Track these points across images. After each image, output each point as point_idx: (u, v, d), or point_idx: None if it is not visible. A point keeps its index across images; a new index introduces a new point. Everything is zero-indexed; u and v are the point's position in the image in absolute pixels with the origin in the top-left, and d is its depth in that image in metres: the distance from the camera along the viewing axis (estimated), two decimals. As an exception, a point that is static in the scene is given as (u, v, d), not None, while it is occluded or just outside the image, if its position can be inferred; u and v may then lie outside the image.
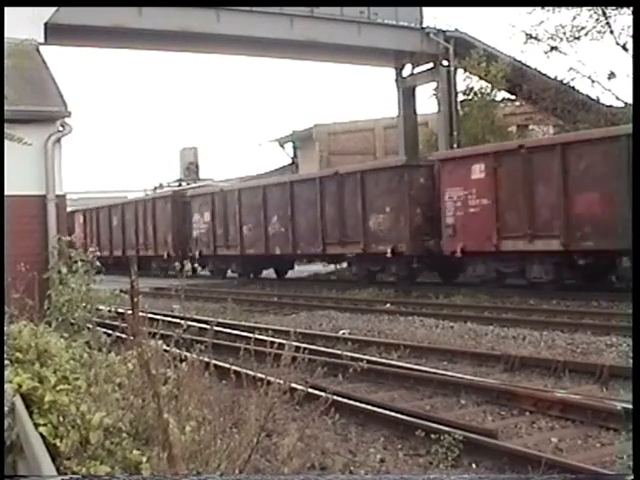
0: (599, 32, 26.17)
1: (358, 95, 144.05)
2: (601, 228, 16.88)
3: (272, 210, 27.10)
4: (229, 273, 30.97)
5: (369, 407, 8.32)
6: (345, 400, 8.27)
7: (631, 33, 24.17)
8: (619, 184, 16.08)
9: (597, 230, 16.99)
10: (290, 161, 41.71)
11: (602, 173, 16.89)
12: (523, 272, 19.08)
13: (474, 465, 6.68)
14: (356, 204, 23.37)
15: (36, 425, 4.68)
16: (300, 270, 30.56)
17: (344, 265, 27.18)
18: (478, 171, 19.69)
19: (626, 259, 16.24)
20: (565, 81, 27.30)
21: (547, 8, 26.40)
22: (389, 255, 21.95)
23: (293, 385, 5.40)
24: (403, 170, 22.20)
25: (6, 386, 5.04)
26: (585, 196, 17.31)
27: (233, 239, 29.07)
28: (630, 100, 22.92)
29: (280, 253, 27.09)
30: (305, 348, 9.02)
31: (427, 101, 35.77)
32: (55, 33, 18.31)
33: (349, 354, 11.05)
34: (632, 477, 3.18)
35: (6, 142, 9.98)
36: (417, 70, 31.35)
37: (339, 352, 11.29)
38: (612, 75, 26.12)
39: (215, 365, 6.63)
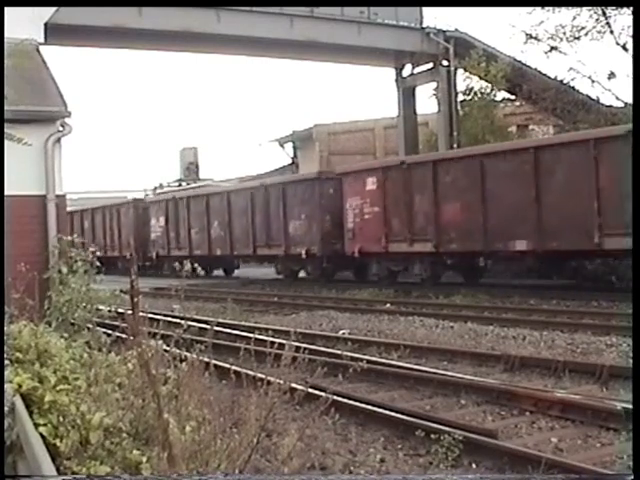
0: (599, 32, 26.18)
1: (358, 95, 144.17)
2: (462, 233, 20.45)
3: (213, 216, 30.65)
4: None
5: (369, 407, 8.32)
6: (345, 400, 8.27)
7: (631, 33, 24.19)
8: (475, 195, 19.84)
9: (459, 234, 20.61)
10: (290, 161, 41.70)
11: (463, 186, 20.38)
12: (409, 268, 22.78)
13: (474, 465, 6.68)
14: (279, 212, 27.00)
15: (36, 425, 4.68)
16: (252, 271, 32.50)
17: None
18: (371, 183, 23.25)
19: (482, 259, 21.12)
20: (565, 81, 27.30)
21: (547, 8, 26.41)
22: (304, 256, 25.40)
23: (293, 385, 5.41)
24: (315, 182, 25.78)
25: (6, 386, 5.04)
26: (450, 206, 20.84)
27: (183, 241, 32.69)
28: (630, 100, 22.94)
29: (221, 254, 30.55)
30: (305, 348, 9.03)
31: (427, 101, 35.75)
32: (55, 33, 18.30)
33: (349, 354, 11.05)
34: (632, 477, 3.18)
35: (6, 142, 9.98)
36: (417, 70, 31.33)
37: (339, 352, 11.29)
38: (612, 75, 26.13)
39: (215, 365, 6.63)
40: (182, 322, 6.04)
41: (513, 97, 31.12)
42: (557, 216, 17.94)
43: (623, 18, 26.21)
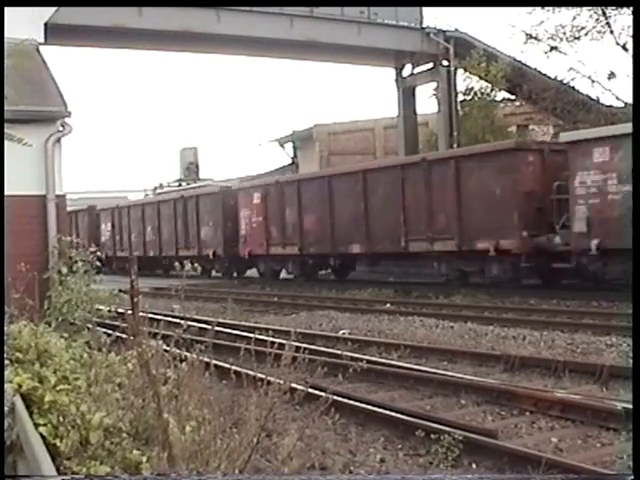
0: (599, 32, 26.20)
1: (358, 95, 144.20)
2: (318, 238, 25.69)
3: (147, 222, 36.21)
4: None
5: (369, 407, 8.32)
6: (345, 400, 8.27)
7: (631, 33, 24.19)
8: (325, 209, 24.97)
9: (316, 239, 25.81)
10: (290, 161, 41.69)
11: (318, 201, 25.48)
12: (286, 268, 28.08)
13: (474, 465, 6.68)
14: (193, 219, 32.47)
15: (36, 425, 4.68)
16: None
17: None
18: (256, 198, 28.55)
19: (332, 259, 26.22)
20: (565, 81, 27.31)
21: (547, 8, 26.42)
22: (211, 257, 30.71)
23: (293, 385, 5.41)
24: (219, 195, 31.10)
25: (6, 386, 5.04)
26: (310, 216, 26.01)
27: (125, 244, 37.91)
28: (630, 100, 22.95)
29: (153, 255, 35.57)
30: (305, 348, 9.03)
31: (427, 101, 35.78)
32: (55, 33, 18.30)
33: (349, 354, 11.05)
34: (632, 477, 3.18)
35: (6, 142, 9.98)
36: (417, 70, 31.35)
37: (339, 352, 11.29)
38: (612, 75, 26.15)
39: (215, 365, 6.63)
40: (182, 322, 6.04)
41: (513, 97, 31.13)
42: (379, 226, 22.86)
43: (623, 18, 26.28)
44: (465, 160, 20.60)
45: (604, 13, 25.87)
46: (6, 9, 10.47)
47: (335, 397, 6.28)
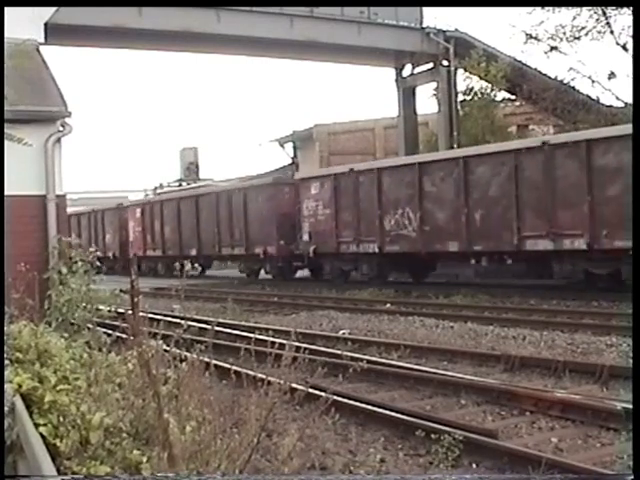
0: (599, 32, 26.19)
1: (358, 95, 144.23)
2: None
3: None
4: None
5: (369, 407, 8.32)
6: (345, 400, 8.27)
7: (631, 33, 24.19)
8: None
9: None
10: (290, 161, 41.68)
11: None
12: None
13: (474, 465, 6.68)
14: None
15: (36, 425, 4.68)
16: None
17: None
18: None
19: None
20: (565, 81, 27.31)
21: (547, 8, 26.42)
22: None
23: (293, 385, 5.41)
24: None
25: (6, 386, 5.04)
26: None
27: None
28: (630, 100, 22.94)
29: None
30: (305, 348, 9.04)
31: (427, 101, 35.77)
32: (55, 33, 18.28)
33: (349, 354, 11.05)
34: (632, 477, 3.18)
35: (6, 142, 9.98)
36: (417, 70, 31.34)
37: (339, 352, 11.29)
38: (612, 75, 26.14)
39: (215, 365, 6.63)
40: (182, 322, 6.04)
41: (513, 97, 31.13)
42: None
43: (623, 18, 26.28)
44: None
45: (604, 13, 25.87)
46: (6, 9, 10.47)
47: (335, 397, 6.28)
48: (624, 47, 25.27)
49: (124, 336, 6.17)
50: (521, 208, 18.98)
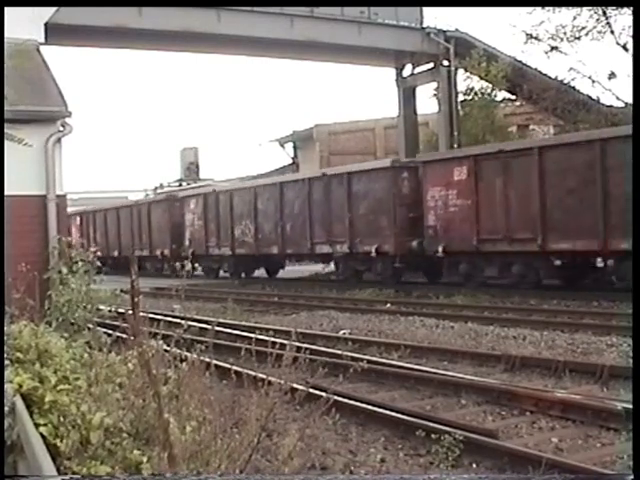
0: (599, 32, 26.17)
1: (358, 95, 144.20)
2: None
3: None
4: None
5: (370, 407, 8.32)
6: (346, 400, 8.27)
7: (631, 33, 24.17)
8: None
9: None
10: (290, 161, 41.70)
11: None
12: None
13: (474, 465, 6.68)
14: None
15: (36, 425, 4.68)
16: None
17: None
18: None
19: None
20: (565, 81, 27.30)
21: (547, 8, 26.40)
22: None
23: (294, 385, 5.41)
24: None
25: (6, 386, 5.05)
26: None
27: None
28: (630, 100, 22.93)
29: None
30: (306, 348, 9.04)
31: (428, 101, 35.77)
32: (55, 33, 18.28)
33: (349, 354, 11.05)
34: (632, 477, 3.18)
35: (7, 142, 9.98)
36: (417, 70, 31.33)
37: (340, 352, 11.29)
38: (612, 75, 26.13)
39: (216, 365, 6.63)
40: (183, 322, 6.04)
41: (513, 97, 31.13)
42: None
43: (623, 18, 26.28)
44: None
45: (604, 13, 25.86)
46: (6, 9, 10.47)
47: (336, 397, 6.28)
48: (624, 47, 25.27)
49: (124, 336, 6.17)
50: (312, 222, 25.02)
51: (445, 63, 29.71)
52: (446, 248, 20.84)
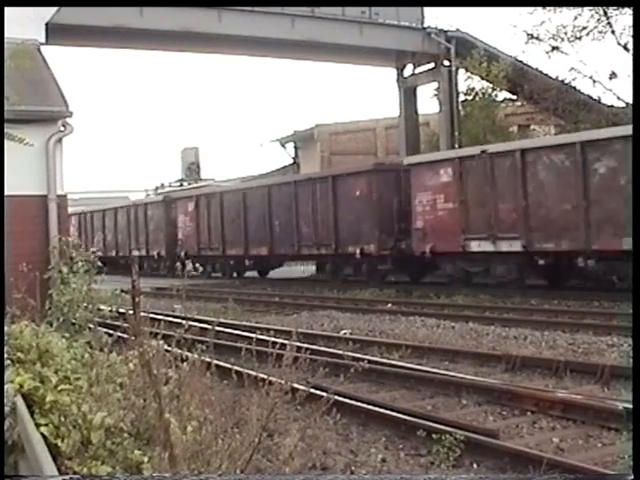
0: (600, 32, 26.15)
1: (359, 95, 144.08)
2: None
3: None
4: None
5: (370, 407, 8.32)
6: (346, 400, 8.27)
7: (632, 33, 24.14)
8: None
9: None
10: (291, 161, 41.70)
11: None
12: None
13: (475, 465, 6.68)
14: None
15: (37, 425, 4.68)
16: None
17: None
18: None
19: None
20: (566, 81, 27.27)
21: (548, 8, 26.38)
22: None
23: (295, 385, 5.40)
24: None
25: (7, 386, 5.05)
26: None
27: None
28: (631, 100, 22.92)
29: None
30: (307, 348, 9.02)
31: (428, 101, 35.77)
32: (56, 33, 18.29)
33: (350, 354, 11.05)
34: (632, 477, 3.18)
35: (8, 142, 9.98)
36: (418, 70, 31.31)
37: (340, 352, 11.29)
38: (613, 75, 26.10)
39: (217, 365, 6.63)
40: (183, 322, 6.04)
41: (514, 97, 31.10)
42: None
43: (624, 18, 26.22)
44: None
45: (605, 13, 25.84)
46: (7, 9, 10.46)
47: (336, 397, 6.28)
48: (625, 47, 25.25)
49: (125, 336, 6.17)
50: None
51: (446, 63, 29.69)
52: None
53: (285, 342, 5.42)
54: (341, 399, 7.76)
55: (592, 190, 17.39)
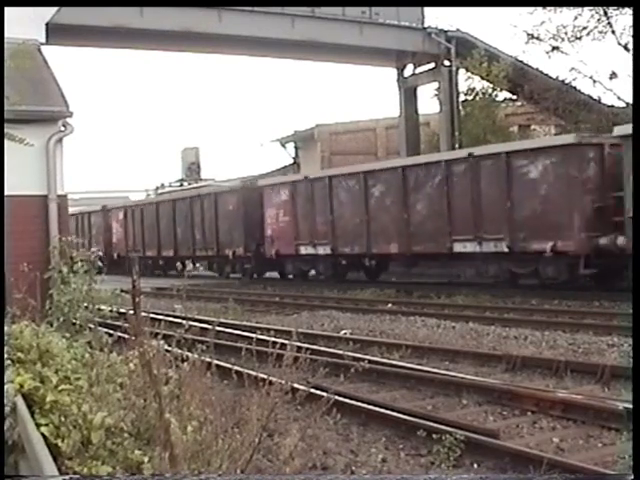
0: (601, 32, 26.13)
1: (360, 95, 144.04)
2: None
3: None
4: None
5: (371, 407, 8.32)
6: (347, 400, 8.27)
7: (632, 33, 24.12)
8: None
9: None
10: (292, 161, 41.68)
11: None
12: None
13: (476, 465, 6.68)
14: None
15: (38, 425, 4.68)
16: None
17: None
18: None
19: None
20: (567, 81, 27.25)
21: (549, 8, 26.36)
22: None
23: (295, 385, 5.40)
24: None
25: (8, 386, 5.05)
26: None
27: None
28: (631, 100, 22.90)
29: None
30: (307, 348, 9.03)
31: (429, 101, 35.78)
32: (57, 33, 18.29)
33: (351, 354, 11.05)
34: (632, 477, 3.18)
35: (8, 142, 9.98)
36: (419, 70, 31.31)
37: (341, 352, 11.29)
38: (614, 75, 26.08)
39: (217, 365, 6.63)
40: (184, 322, 6.04)
41: (515, 97, 31.09)
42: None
43: (624, 18, 26.20)
44: None
45: (605, 13, 25.83)
46: (7, 9, 10.46)
47: (337, 397, 6.28)
48: (625, 47, 25.23)
49: (126, 336, 6.17)
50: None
51: (446, 63, 29.69)
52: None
53: (285, 342, 5.42)
54: (341, 399, 7.76)
55: (370, 209, 23.32)
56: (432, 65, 30.32)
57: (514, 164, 19.08)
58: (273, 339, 7.88)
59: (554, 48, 27.06)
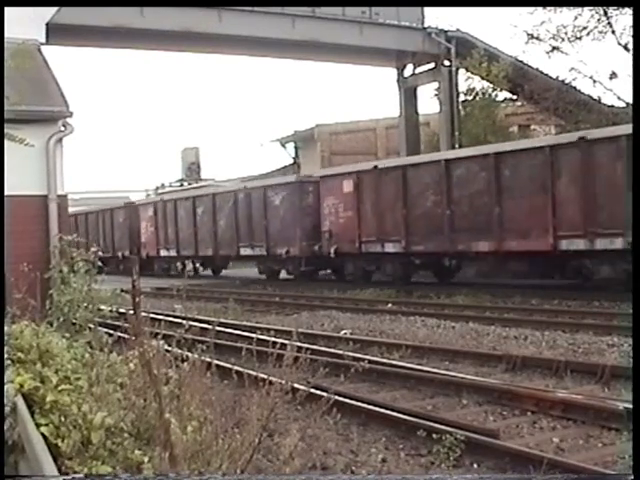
0: (601, 32, 26.13)
1: (360, 95, 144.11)
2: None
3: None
4: None
5: (371, 407, 8.32)
6: (347, 400, 8.27)
7: (632, 33, 24.12)
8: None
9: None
10: (292, 161, 41.70)
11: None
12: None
13: (476, 465, 6.68)
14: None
15: (38, 425, 4.68)
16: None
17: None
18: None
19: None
20: (567, 81, 27.25)
21: (549, 8, 26.36)
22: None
23: (295, 385, 5.40)
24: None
25: (8, 386, 5.05)
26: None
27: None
28: (631, 100, 22.89)
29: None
30: (307, 348, 9.03)
31: (429, 101, 35.79)
32: (57, 33, 18.28)
33: (351, 354, 11.05)
34: (632, 477, 3.18)
35: (8, 142, 9.98)
36: (419, 70, 31.33)
37: (341, 352, 11.28)
38: (614, 75, 26.08)
39: (217, 365, 6.62)
40: (184, 322, 6.04)
41: (515, 97, 31.09)
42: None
43: (624, 18, 26.19)
44: None
45: (605, 13, 25.83)
46: (7, 9, 10.46)
47: (337, 397, 6.28)
48: (625, 47, 25.23)
49: (126, 336, 6.17)
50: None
51: (446, 63, 29.70)
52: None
53: (285, 342, 5.42)
54: (341, 399, 7.76)
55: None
56: (432, 65, 30.33)
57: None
58: (273, 339, 7.88)
59: (554, 48, 27.06)
